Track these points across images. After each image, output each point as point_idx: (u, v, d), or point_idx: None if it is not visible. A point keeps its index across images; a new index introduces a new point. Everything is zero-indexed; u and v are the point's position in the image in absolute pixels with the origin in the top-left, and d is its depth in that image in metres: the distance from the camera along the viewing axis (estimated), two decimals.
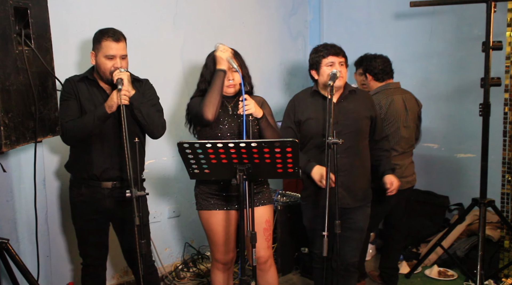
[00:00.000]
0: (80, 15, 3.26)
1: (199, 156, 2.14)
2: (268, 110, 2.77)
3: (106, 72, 2.57)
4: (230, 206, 2.69)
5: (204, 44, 3.99)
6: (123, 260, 2.96)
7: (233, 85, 2.66)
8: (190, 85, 3.90)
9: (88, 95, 2.66)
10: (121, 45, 2.58)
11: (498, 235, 3.67)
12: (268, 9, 4.54)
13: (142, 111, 2.60)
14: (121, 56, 2.58)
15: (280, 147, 2.10)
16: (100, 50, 2.57)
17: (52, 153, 3.19)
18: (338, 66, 2.71)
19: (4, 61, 2.02)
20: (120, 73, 2.51)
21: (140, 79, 2.77)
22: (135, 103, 2.56)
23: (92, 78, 2.67)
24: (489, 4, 3.21)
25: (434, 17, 4.17)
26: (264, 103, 2.77)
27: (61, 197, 3.27)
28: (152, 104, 2.73)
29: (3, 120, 2.00)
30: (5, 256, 2.42)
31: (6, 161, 2.77)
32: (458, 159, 4.18)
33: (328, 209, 2.32)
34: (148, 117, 2.63)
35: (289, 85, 4.74)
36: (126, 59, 2.63)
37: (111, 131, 2.66)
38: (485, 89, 3.30)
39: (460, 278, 3.67)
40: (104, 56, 2.56)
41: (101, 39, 2.57)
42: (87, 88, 2.67)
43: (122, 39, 2.60)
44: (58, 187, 3.26)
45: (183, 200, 2.99)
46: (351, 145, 2.73)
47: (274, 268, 2.80)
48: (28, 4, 2.16)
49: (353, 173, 2.75)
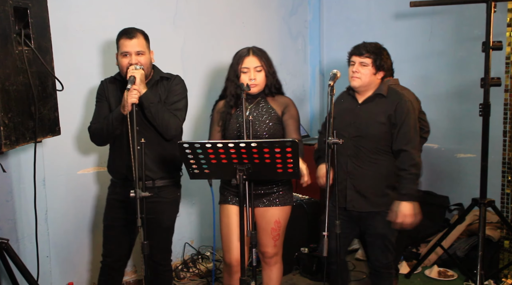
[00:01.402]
0: (80, 15, 3.26)
1: (199, 156, 2.14)
2: (293, 113, 2.70)
3: (124, 69, 2.58)
4: None
5: (204, 45, 4.02)
6: (133, 259, 2.94)
7: (255, 85, 2.64)
8: (190, 85, 3.88)
9: (117, 95, 2.67)
10: (135, 42, 2.57)
11: (498, 235, 3.67)
12: (268, 9, 4.54)
13: (152, 111, 2.56)
14: (137, 52, 2.57)
15: (280, 147, 2.10)
16: (118, 50, 2.61)
17: (52, 153, 3.18)
18: (358, 66, 2.66)
19: (4, 61, 2.02)
20: (133, 71, 2.49)
21: (170, 76, 2.74)
22: (144, 102, 2.53)
23: (119, 78, 2.69)
24: (489, 4, 3.21)
25: (434, 17, 4.17)
26: (289, 106, 2.71)
27: (61, 197, 3.26)
28: (173, 101, 2.67)
29: (3, 120, 2.00)
30: (4, 256, 2.42)
31: (6, 161, 2.77)
32: (458, 159, 4.18)
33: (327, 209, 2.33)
34: (157, 118, 2.58)
35: (289, 85, 4.74)
36: (145, 55, 2.60)
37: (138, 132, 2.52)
38: (485, 90, 3.30)
39: (460, 278, 3.67)
40: (120, 55, 2.58)
41: (118, 39, 2.60)
42: (117, 88, 2.69)
43: (138, 36, 2.59)
44: (58, 187, 3.25)
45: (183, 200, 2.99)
46: (362, 149, 2.68)
47: (279, 265, 2.79)
48: (28, 4, 2.16)
49: (363, 177, 2.69)
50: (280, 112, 2.68)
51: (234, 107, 2.71)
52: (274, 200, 2.68)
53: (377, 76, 2.70)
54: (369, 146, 2.68)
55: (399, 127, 2.66)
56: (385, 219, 2.68)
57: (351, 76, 2.69)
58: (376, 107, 2.70)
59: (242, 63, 2.64)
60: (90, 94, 3.26)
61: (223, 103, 2.75)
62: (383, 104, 2.70)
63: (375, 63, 2.66)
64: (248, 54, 2.65)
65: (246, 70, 2.63)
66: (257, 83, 2.64)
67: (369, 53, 2.65)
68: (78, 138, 3.32)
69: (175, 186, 2.78)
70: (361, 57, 2.66)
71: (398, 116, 2.66)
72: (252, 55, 2.64)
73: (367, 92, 2.73)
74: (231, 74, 2.69)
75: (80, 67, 3.28)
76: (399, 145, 2.66)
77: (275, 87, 2.71)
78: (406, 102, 2.71)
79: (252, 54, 2.65)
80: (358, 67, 2.66)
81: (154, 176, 2.67)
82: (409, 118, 2.68)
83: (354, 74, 2.67)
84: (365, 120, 2.69)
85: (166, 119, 2.61)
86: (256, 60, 2.64)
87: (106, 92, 2.71)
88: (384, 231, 2.70)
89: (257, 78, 2.63)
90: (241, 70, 2.64)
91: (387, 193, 2.70)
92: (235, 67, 2.66)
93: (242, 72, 2.64)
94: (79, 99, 3.29)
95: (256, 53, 2.65)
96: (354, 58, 2.69)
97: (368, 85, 2.69)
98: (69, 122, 3.20)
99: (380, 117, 2.68)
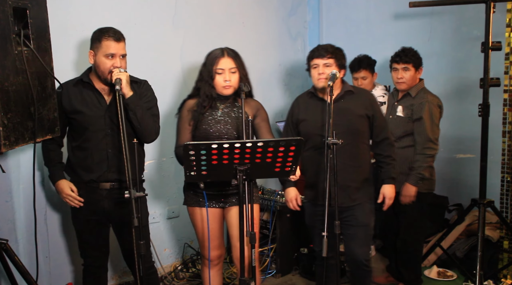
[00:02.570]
0: (80, 15, 3.25)
1: (202, 157, 2.14)
2: (264, 116, 2.78)
3: (105, 71, 2.56)
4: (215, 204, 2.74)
5: (203, 45, 3.98)
6: (123, 261, 2.96)
7: (229, 86, 2.65)
8: (189, 85, 3.86)
9: (81, 97, 2.65)
10: (121, 45, 2.58)
11: (498, 235, 3.67)
12: (268, 10, 4.54)
13: (137, 114, 2.58)
14: (121, 55, 2.58)
15: (284, 146, 2.12)
16: (99, 49, 2.56)
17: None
18: (323, 68, 2.72)
19: (3, 61, 2.01)
20: (119, 73, 2.50)
21: (138, 81, 2.75)
22: (130, 104, 2.55)
23: (87, 80, 2.66)
24: (488, 4, 3.22)
25: (433, 17, 4.18)
26: (260, 109, 2.78)
27: (60, 198, 3.25)
28: (148, 107, 2.70)
29: (2, 120, 2.00)
30: (4, 257, 2.42)
31: (5, 162, 2.77)
32: (457, 159, 4.18)
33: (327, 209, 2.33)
34: (142, 121, 2.60)
35: (288, 86, 4.74)
36: (125, 59, 2.62)
37: (109, 134, 2.64)
38: (484, 90, 3.30)
39: (460, 278, 3.67)
40: (104, 55, 2.55)
41: (101, 38, 2.55)
42: (81, 91, 2.66)
43: (122, 39, 2.60)
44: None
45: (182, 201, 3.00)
46: (345, 145, 2.68)
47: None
48: (27, 5, 2.15)
49: (347, 172, 2.73)
50: (251, 115, 2.72)
51: (206, 108, 2.72)
52: None
53: (340, 74, 2.77)
54: (351, 141, 2.74)
55: (375, 118, 2.83)
56: (365, 209, 2.79)
57: (317, 79, 2.75)
58: (349, 103, 2.79)
59: (217, 64, 2.65)
60: None
61: (194, 102, 2.75)
62: (355, 99, 2.80)
63: (337, 62, 2.74)
64: (223, 55, 2.66)
65: (221, 71, 2.65)
66: (232, 85, 2.66)
67: (330, 54, 2.73)
68: None
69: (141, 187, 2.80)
70: (323, 59, 2.73)
71: (372, 108, 2.83)
72: (227, 57, 2.66)
73: (335, 91, 2.77)
74: (205, 75, 2.70)
75: (80, 68, 3.27)
76: (380, 135, 2.86)
77: (249, 88, 2.72)
78: (371, 94, 2.96)
79: (227, 55, 2.67)
80: (323, 68, 2.72)
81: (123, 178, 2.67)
82: (379, 107, 2.93)
83: (321, 76, 2.73)
84: (345, 117, 2.75)
85: (151, 124, 2.65)
86: (231, 61, 2.66)
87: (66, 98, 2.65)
88: (366, 220, 2.80)
89: (232, 79, 2.65)
90: (215, 71, 2.65)
91: (365, 185, 2.84)
92: (210, 68, 2.67)
93: (217, 73, 2.65)
94: None
95: (230, 55, 2.67)
96: (316, 61, 2.75)
97: (335, 84, 2.74)
98: None
99: (359, 111, 2.78)
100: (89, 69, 2.70)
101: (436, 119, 3.25)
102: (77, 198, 2.67)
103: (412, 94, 3.31)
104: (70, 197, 2.67)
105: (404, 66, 3.28)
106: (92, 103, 2.64)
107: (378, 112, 2.88)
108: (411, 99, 3.31)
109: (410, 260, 3.45)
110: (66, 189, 2.66)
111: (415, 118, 3.24)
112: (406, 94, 3.35)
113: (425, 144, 3.19)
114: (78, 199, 2.67)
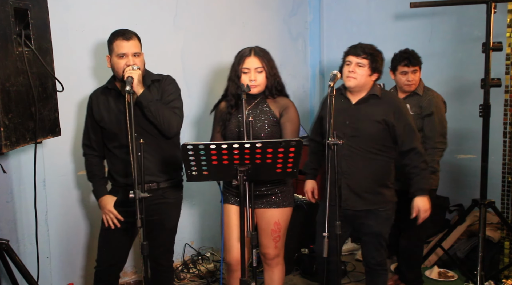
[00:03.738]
0: (80, 15, 3.26)
1: (201, 157, 2.14)
2: (290, 116, 2.67)
3: (120, 71, 2.55)
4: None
5: (204, 45, 4.02)
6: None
7: (255, 86, 2.63)
8: (190, 86, 3.90)
9: (107, 104, 2.66)
10: (131, 43, 2.56)
11: (498, 236, 3.67)
12: (268, 10, 4.54)
13: (152, 109, 2.54)
14: (133, 54, 2.56)
15: (284, 147, 2.10)
16: (113, 51, 2.57)
17: (52, 154, 3.18)
18: (355, 66, 2.67)
19: (4, 62, 2.02)
20: (130, 71, 2.47)
21: (160, 78, 2.72)
22: (143, 102, 2.52)
23: (111, 87, 2.66)
24: (489, 5, 3.22)
25: (434, 18, 4.17)
26: (287, 108, 2.68)
27: (61, 198, 3.26)
28: (169, 101, 2.65)
29: (3, 121, 2.00)
30: (5, 257, 2.42)
31: (6, 162, 2.77)
32: (458, 160, 4.17)
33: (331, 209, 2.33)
34: (158, 116, 2.55)
35: (289, 86, 4.68)
36: (140, 57, 2.60)
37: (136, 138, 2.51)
38: (485, 90, 3.30)
39: (461, 279, 3.66)
40: (116, 56, 2.55)
41: (113, 41, 2.57)
42: (107, 98, 2.67)
43: (133, 38, 2.58)
44: (58, 187, 3.25)
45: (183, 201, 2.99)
46: (358, 148, 2.69)
47: (281, 267, 2.78)
48: (28, 5, 2.16)
49: (358, 177, 2.71)
50: (278, 114, 2.67)
51: (234, 108, 2.71)
52: (273, 201, 2.67)
53: (372, 77, 2.72)
54: (365, 146, 2.70)
55: (401, 127, 2.70)
56: (378, 218, 2.74)
57: (346, 75, 2.70)
58: (371, 107, 2.73)
59: (243, 63, 2.63)
60: None
61: (224, 103, 2.76)
62: (378, 105, 2.73)
63: (371, 65, 2.68)
64: (249, 54, 2.64)
65: (246, 71, 2.62)
66: (257, 84, 2.63)
67: (366, 54, 2.66)
68: (78, 139, 3.30)
69: (177, 186, 2.78)
70: (358, 57, 2.67)
71: (393, 115, 2.70)
72: (253, 56, 2.63)
73: (360, 93, 2.74)
74: (232, 74, 2.69)
75: (80, 68, 3.28)
76: (406, 144, 2.71)
77: (276, 89, 2.69)
78: (401, 102, 2.81)
79: (253, 54, 2.63)
80: (354, 67, 2.67)
81: (157, 179, 2.66)
82: (409, 117, 2.78)
83: (350, 74, 2.68)
84: (362, 121, 2.71)
85: (167, 116, 2.58)
86: (257, 61, 2.62)
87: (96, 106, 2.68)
88: (378, 229, 2.75)
89: (258, 79, 2.62)
90: (241, 70, 2.63)
91: (381, 192, 2.75)
92: (236, 67, 2.66)
93: (242, 73, 2.63)
94: (80, 100, 3.29)
95: (257, 54, 2.64)
96: (350, 58, 2.70)
97: (363, 86, 2.71)
98: (70, 123, 3.20)
99: (376, 117, 2.70)
100: (113, 77, 2.69)
101: (443, 115, 3.33)
102: (117, 216, 2.63)
103: (419, 93, 3.37)
104: (111, 214, 2.63)
105: (414, 69, 3.32)
106: (118, 109, 2.62)
107: (403, 121, 2.73)
108: (419, 97, 3.36)
109: (412, 260, 3.45)
110: (109, 205, 2.64)
111: (424, 114, 3.29)
112: (412, 93, 3.38)
113: (436, 138, 3.25)
114: (118, 217, 2.64)
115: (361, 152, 2.70)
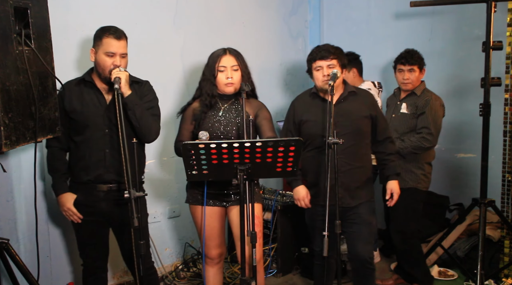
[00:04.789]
0: (80, 15, 3.26)
1: (201, 156, 2.14)
2: (265, 115, 2.77)
3: (106, 69, 2.55)
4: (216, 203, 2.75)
5: (204, 45, 4.00)
6: (123, 261, 2.95)
7: (231, 83, 2.66)
8: (190, 85, 3.90)
9: (81, 96, 2.64)
10: (122, 43, 2.57)
11: (498, 235, 3.67)
12: (268, 9, 4.54)
13: (136, 113, 2.56)
14: (121, 54, 2.57)
15: (284, 146, 2.11)
16: (100, 47, 2.55)
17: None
18: (327, 69, 2.71)
19: (4, 61, 2.02)
20: (118, 72, 2.49)
21: (140, 81, 2.74)
22: (129, 104, 2.54)
23: (89, 79, 2.66)
24: (489, 4, 3.21)
25: (434, 17, 4.17)
26: (261, 109, 2.78)
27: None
28: (149, 107, 2.68)
29: (3, 120, 2.00)
30: (5, 256, 2.42)
31: (6, 161, 2.77)
32: (458, 159, 4.17)
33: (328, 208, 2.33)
34: (141, 120, 2.58)
35: (289, 86, 4.74)
36: (126, 58, 2.61)
37: (107, 134, 2.62)
38: (485, 89, 3.30)
39: (461, 278, 3.67)
40: (104, 53, 2.54)
41: (102, 36, 2.55)
42: (82, 90, 2.65)
43: (124, 38, 2.59)
44: None
45: (183, 200, 3.00)
46: (350, 146, 2.72)
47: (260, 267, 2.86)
48: (28, 4, 2.15)
49: (352, 173, 2.75)
50: (252, 115, 2.72)
51: (208, 107, 2.74)
52: None
53: (343, 74, 2.80)
54: (355, 142, 2.75)
55: (377, 118, 2.84)
56: (367, 208, 2.81)
57: (322, 80, 2.73)
58: (353, 104, 2.79)
59: (219, 62, 2.68)
60: None
61: (197, 102, 2.78)
62: (358, 100, 2.81)
63: (340, 63, 2.75)
64: (225, 53, 2.71)
65: (223, 69, 2.68)
66: (234, 82, 2.68)
67: (332, 54, 2.72)
68: None
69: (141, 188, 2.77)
70: (326, 60, 2.72)
71: (374, 108, 2.85)
72: (229, 55, 2.70)
73: (338, 91, 2.78)
74: (207, 73, 2.73)
75: (80, 67, 3.28)
76: (382, 134, 2.87)
77: (252, 88, 2.74)
78: (371, 94, 2.97)
79: (228, 53, 2.71)
80: (327, 70, 2.71)
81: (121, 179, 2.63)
82: (379, 108, 2.96)
83: (326, 77, 2.71)
84: (349, 118, 2.75)
85: (150, 123, 2.63)
86: (233, 59, 2.69)
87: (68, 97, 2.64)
88: (368, 217, 2.80)
89: (234, 77, 2.67)
90: (218, 69, 2.68)
91: (369, 184, 2.86)
92: (212, 66, 2.70)
93: (219, 71, 2.68)
94: None
95: (232, 53, 2.71)
96: (319, 63, 2.73)
97: (339, 85, 2.77)
98: None
99: (363, 112, 2.79)
100: (91, 69, 2.69)
101: (439, 118, 3.32)
102: (77, 213, 2.65)
103: (417, 93, 3.39)
104: (71, 212, 2.65)
105: (410, 67, 3.35)
106: (92, 102, 2.63)
107: (380, 113, 2.91)
108: (416, 97, 3.39)
109: (414, 258, 3.45)
110: (68, 203, 2.65)
111: (419, 113, 3.32)
112: (411, 93, 3.42)
113: (424, 134, 3.26)
114: (78, 215, 2.66)
115: (354, 149, 2.75)
